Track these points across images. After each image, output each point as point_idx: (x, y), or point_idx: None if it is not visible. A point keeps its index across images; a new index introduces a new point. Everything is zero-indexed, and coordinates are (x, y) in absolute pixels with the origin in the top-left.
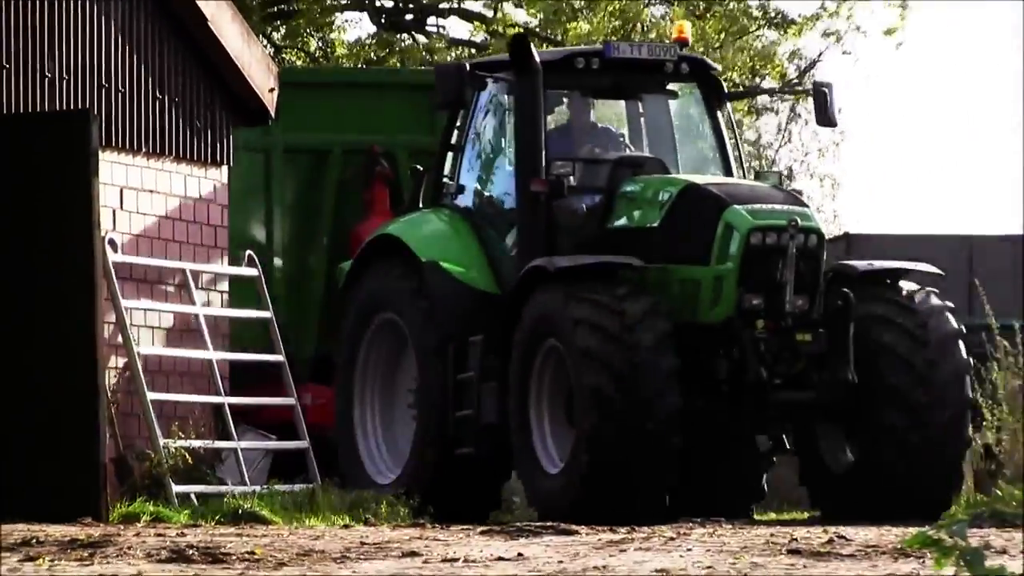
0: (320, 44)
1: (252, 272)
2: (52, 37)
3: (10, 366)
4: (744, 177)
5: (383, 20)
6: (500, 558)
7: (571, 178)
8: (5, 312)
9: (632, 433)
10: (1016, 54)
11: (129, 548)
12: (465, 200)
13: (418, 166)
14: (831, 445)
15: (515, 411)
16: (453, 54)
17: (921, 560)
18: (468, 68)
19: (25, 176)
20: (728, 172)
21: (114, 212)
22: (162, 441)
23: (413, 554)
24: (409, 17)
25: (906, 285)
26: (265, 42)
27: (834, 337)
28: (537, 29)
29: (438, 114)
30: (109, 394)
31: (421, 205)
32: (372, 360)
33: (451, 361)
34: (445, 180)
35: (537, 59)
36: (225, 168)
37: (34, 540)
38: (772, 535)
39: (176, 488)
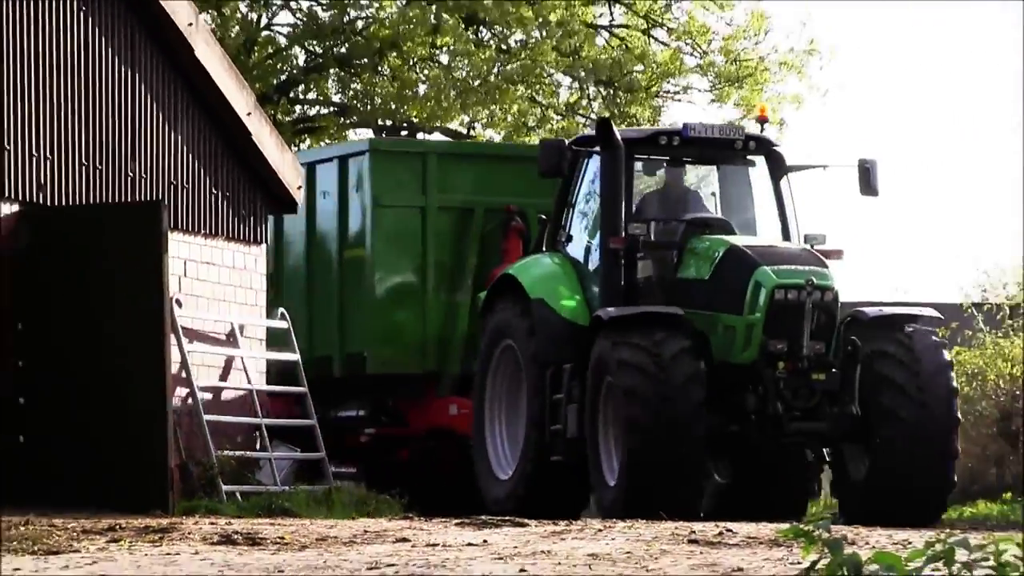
0: None
1: (283, 325)
2: (134, 147)
3: (103, 394)
4: (798, 236)
5: (383, 135)
6: (470, 543)
7: (645, 236)
8: (101, 354)
9: (664, 456)
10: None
11: (189, 533)
12: (573, 247)
13: (543, 215)
14: (853, 459)
15: (588, 431)
16: None
17: (790, 548)
18: (566, 144)
19: (115, 250)
20: (786, 232)
21: (179, 279)
22: (214, 452)
23: (404, 540)
24: (404, 133)
25: (908, 327)
26: (295, 150)
27: (844, 377)
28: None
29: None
30: (175, 416)
31: (544, 249)
32: (499, 378)
33: (548, 384)
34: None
35: (619, 138)
36: (264, 246)
37: (117, 527)
38: (676, 529)
39: (225, 488)
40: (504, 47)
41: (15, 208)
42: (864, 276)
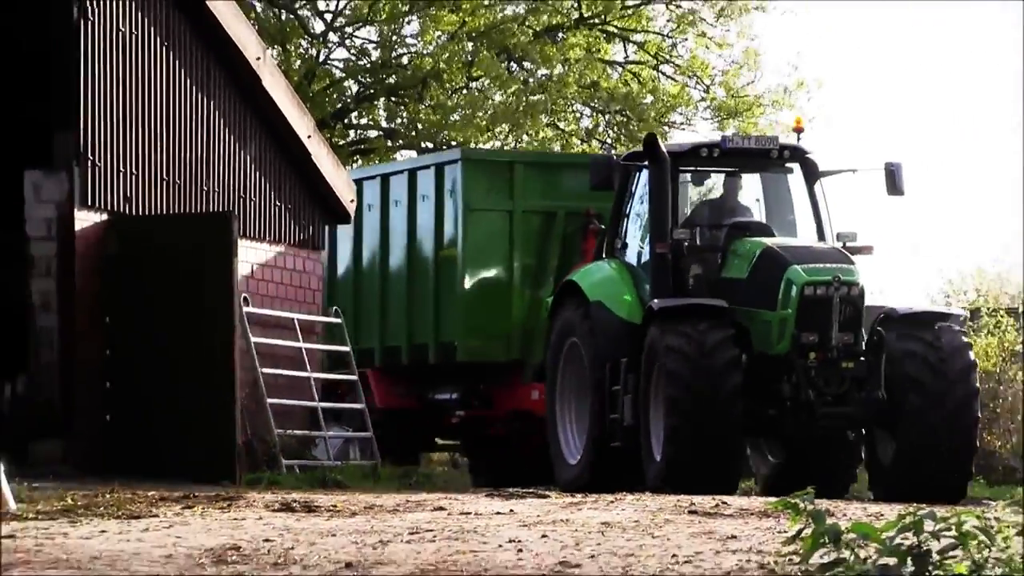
0: None
1: (337, 320)
2: (208, 164)
3: (179, 379)
4: (831, 235)
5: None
6: (498, 512)
7: (690, 241)
8: (178, 345)
9: (702, 433)
10: None
11: (253, 502)
12: (628, 253)
13: (603, 226)
14: (882, 443)
15: (641, 414)
16: None
17: (778, 519)
18: (614, 159)
19: (191, 255)
20: (820, 232)
21: (247, 280)
22: (276, 431)
23: (441, 508)
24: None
25: (937, 326)
26: (349, 169)
27: (871, 365)
28: None
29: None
30: (241, 399)
31: (603, 255)
32: (567, 373)
33: (607, 377)
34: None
35: (664, 152)
36: (323, 251)
37: (191, 495)
38: (678, 502)
39: (285, 462)
40: (531, 79)
41: (104, 217)
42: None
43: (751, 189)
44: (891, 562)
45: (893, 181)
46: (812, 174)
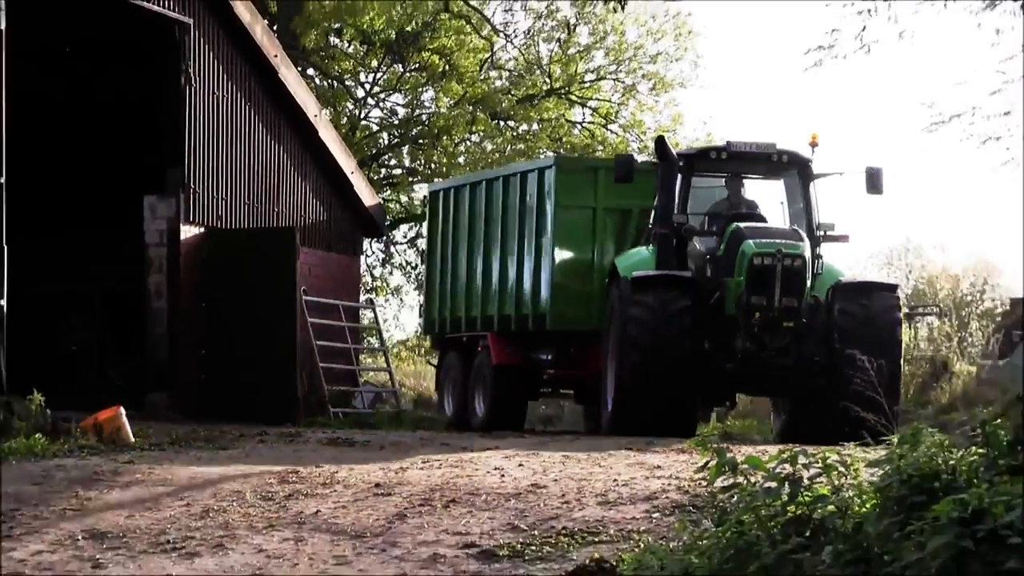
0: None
1: (368, 311)
2: (278, 191)
3: (256, 349)
4: (818, 228)
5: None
6: (487, 448)
7: (688, 225)
8: (255, 323)
9: (648, 386)
10: None
11: (309, 438)
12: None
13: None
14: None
15: (604, 369)
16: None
17: (691, 454)
18: (634, 157)
19: (265, 257)
20: (811, 225)
21: (305, 276)
22: (326, 387)
23: (446, 445)
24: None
25: (873, 291)
26: (381, 195)
27: (810, 324)
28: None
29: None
30: (301, 363)
31: (642, 243)
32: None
33: None
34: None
35: (673, 152)
36: (361, 257)
37: (264, 433)
38: (618, 441)
39: (332, 409)
40: (514, 133)
41: (202, 230)
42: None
43: (775, 193)
44: (773, 485)
45: (873, 182)
46: (807, 176)
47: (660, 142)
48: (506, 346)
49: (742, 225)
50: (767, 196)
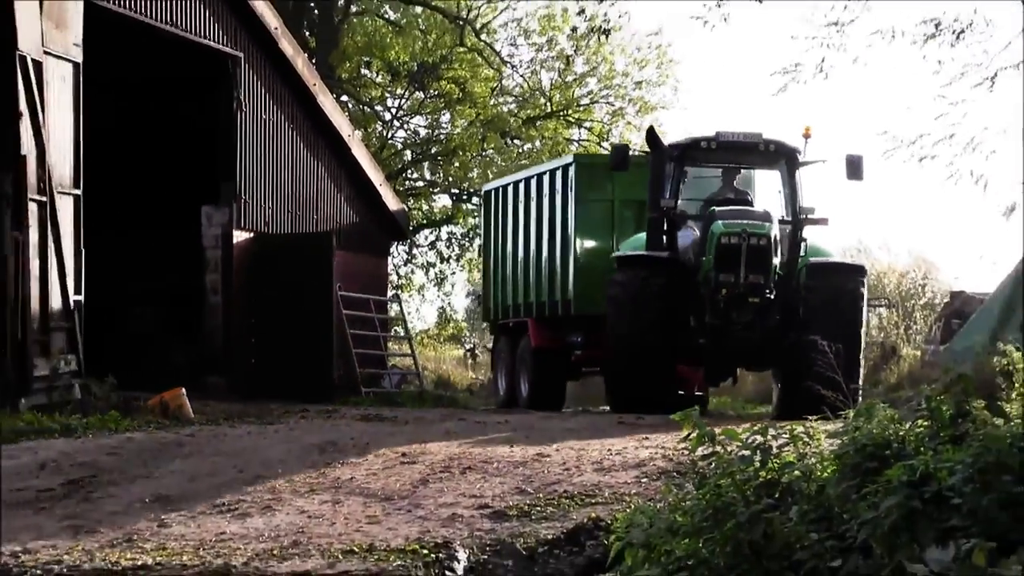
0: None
1: (395, 305)
2: (317, 201)
3: (298, 336)
4: (801, 213)
5: (456, 199)
6: (498, 421)
7: (674, 210)
8: (298, 315)
9: (625, 369)
10: None
11: (344, 414)
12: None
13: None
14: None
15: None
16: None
17: (677, 427)
18: (628, 147)
19: (305, 258)
20: (795, 210)
21: (340, 274)
22: (358, 369)
23: (463, 419)
24: (456, 191)
25: (839, 272)
26: (405, 205)
27: (778, 300)
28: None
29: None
30: (337, 349)
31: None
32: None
33: None
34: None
35: (663, 142)
36: (388, 258)
37: (305, 410)
38: (614, 416)
39: (364, 389)
40: (520, 151)
41: (251, 235)
42: None
43: (774, 184)
44: (746, 453)
45: (853, 169)
46: (793, 164)
47: (651, 132)
48: (543, 330)
49: (716, 208)
50: (768, 184)
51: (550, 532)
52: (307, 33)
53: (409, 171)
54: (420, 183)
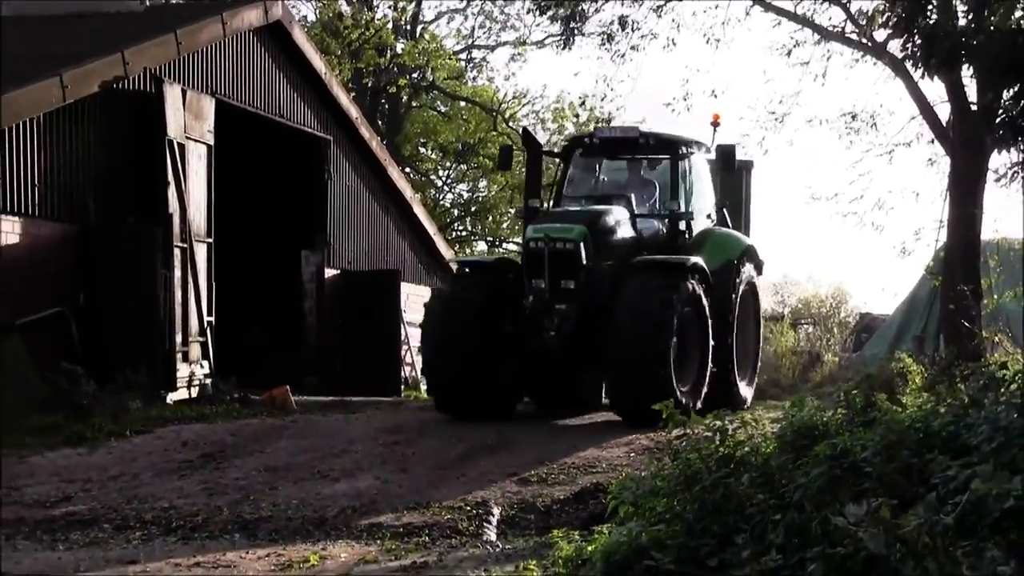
0: (470, 251)
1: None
2: (387, 244)
3: (373, 348)
4: (682, 205)
5: (492, 245)
6: (523, 411)
7: (535, 208)
8: (373, 332)
9: (443, 362)
10: None
11: (408, 406)
12: None
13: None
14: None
15: None
16: None
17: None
18: (512, 148)
19: (379, 290)
20: (675, 202)
21: (404, 300)
22: (419, 373)
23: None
24: (490, 239)
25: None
26: (452, 248)
27: (583, 307)
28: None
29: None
30: (402, 358)
31: None
32: None
33: None
34: None
35: (537, 141)
36: (434, 278)
37: (378, 403)
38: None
39: (423, 387)
40: None
41: (337, 272)
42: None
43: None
44: (709, 434)
45: (724, 161)
46: (677, 156)
47: (525, 132)
48: None
49: (556, 209)
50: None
51: (561, 493)
52: (379, 122)
53: (456, 224)
54: (464, 233)
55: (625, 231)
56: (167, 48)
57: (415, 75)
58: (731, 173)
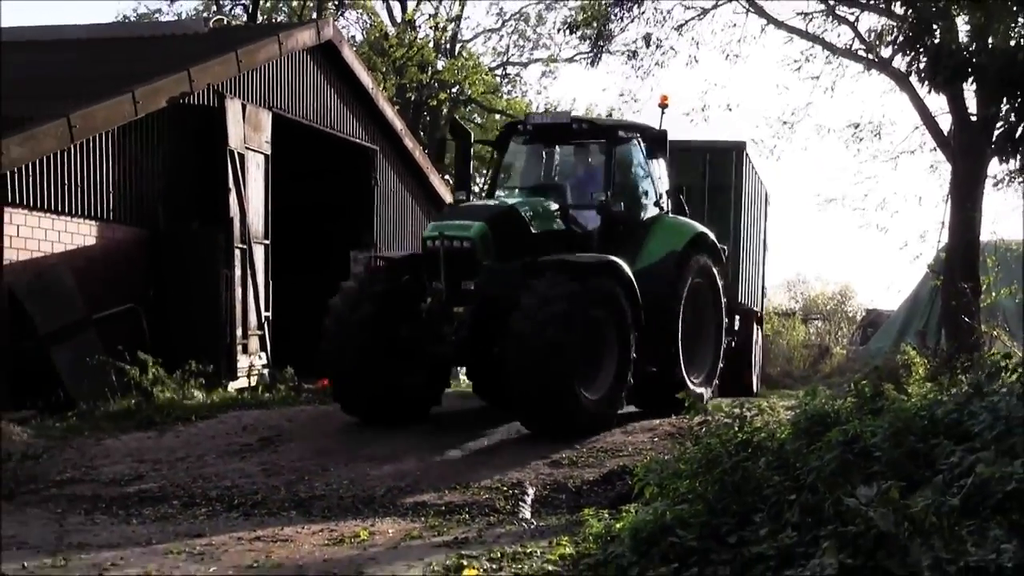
0: None
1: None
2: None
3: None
4: (613, 192)
5: None
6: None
7: (465, 196)
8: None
9: (341, 364)
10: None
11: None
12: None
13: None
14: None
15: None
16: None
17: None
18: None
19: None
20: (608, 189)
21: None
22: None
23: None
24: None
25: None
26: None
27: (477, 312)
28: None
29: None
30: None
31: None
32: None
33: None
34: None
35: (466, 129)
36: None
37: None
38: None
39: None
40: None
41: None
42: None
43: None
44: (728, 420)
45: (658, 145)
46: (612, 142)
47: (452, 121)
48: None
49: (462, 205)
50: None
51: (591, 475)
52: (421, 133)
53: None
54: None
55: (545, 224)
56: (228, 66)
57: (454, 90)
58: (664, 157)
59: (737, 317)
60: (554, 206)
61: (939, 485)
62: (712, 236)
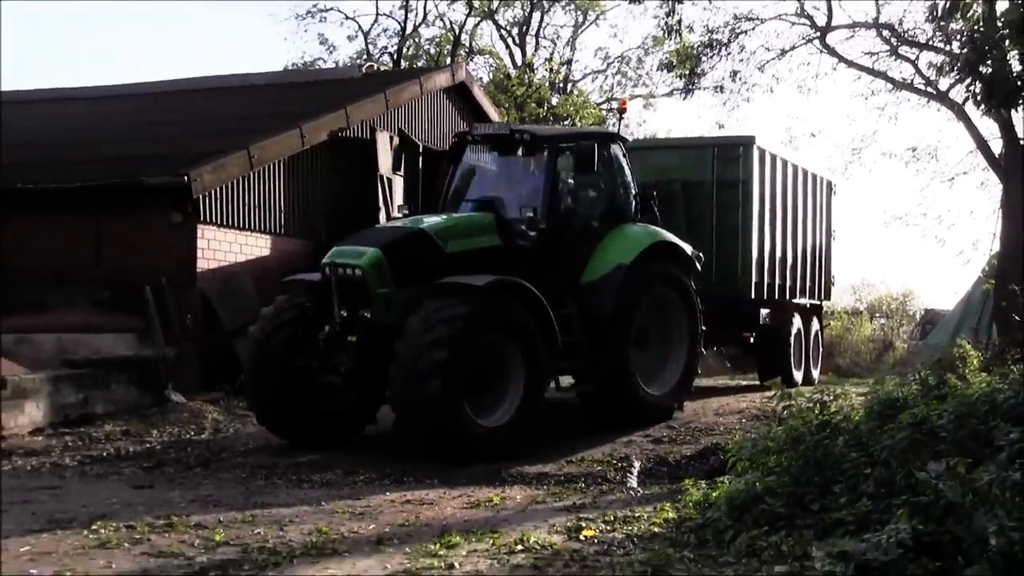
0: None
1: None
2: None
3: None
4: (550, 205)
5: None
6: None
7: (408, 208)
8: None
9: (257, 392)
10: None
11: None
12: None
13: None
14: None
15: None
16: None
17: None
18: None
19: None
20: (545, 202)
21: None
22: None
23: None
24: None
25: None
26: None
27: (364, 342)
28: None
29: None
30: None
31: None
32: None
33: None
34: None
35: (415, 141)
36: None
37: None
38: (721, 383)
39: None
40: None
41: None
42: None
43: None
44: (810, 404)
45: (587, 160)
46: (554, 152)
47: (400, 134)
48: None
49: (381, 226)
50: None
51: (688, 451)
52: None
53: None
54: None
55: (474, 242)
56: (378, 104)
57: (567, 122)
58: (592, 171)
59: (764, 312)
60: (490, 221)
61: (1002, 461)
62: (680, 243)
